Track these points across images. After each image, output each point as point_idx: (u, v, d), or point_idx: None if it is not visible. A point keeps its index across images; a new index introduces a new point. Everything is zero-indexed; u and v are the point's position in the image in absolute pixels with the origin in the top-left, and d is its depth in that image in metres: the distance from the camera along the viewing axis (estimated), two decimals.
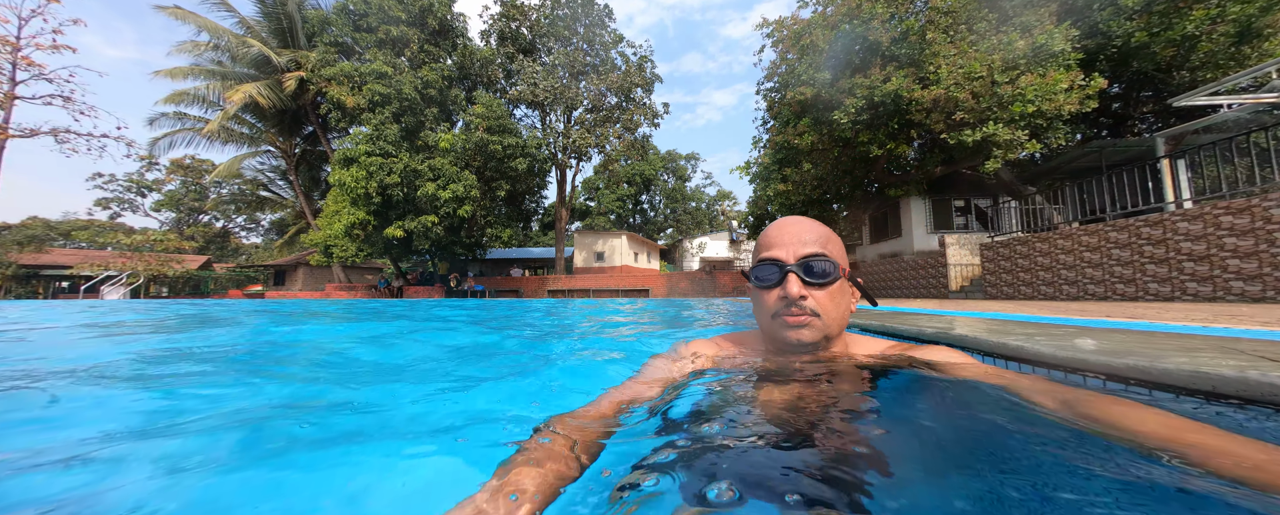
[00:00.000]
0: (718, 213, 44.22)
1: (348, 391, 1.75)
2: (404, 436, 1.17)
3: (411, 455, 1.01)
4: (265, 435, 1.19)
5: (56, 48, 14.04)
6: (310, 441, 1.12)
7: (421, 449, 1.05)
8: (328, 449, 1.07)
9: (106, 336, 3.75)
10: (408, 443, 1.11)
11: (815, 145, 11.87)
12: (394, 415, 1.41)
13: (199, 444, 1.10)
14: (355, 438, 1.16)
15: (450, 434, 1.16)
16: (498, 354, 3.03)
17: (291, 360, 2.74)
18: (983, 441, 0.71)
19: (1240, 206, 5.11)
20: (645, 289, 21.42)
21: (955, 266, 10.88)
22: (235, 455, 1.05)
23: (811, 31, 11.09)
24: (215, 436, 1.17)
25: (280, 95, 20.95)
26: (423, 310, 8.55)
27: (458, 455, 1.00)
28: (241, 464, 0.99)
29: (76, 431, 1.21)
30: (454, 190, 18.15)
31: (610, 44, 22.88)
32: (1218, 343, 1.40)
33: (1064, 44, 9.01)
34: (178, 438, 1.16)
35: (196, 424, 1.30)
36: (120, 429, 1.25)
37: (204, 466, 0.96)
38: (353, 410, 1.42)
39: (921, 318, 2.77)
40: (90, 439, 1.11)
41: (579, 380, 1.90)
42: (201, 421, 1.32)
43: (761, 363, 1.01)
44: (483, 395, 1.61)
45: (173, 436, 1.17)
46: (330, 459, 1.00)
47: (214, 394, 1.70)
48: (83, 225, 36.03)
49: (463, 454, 1.00)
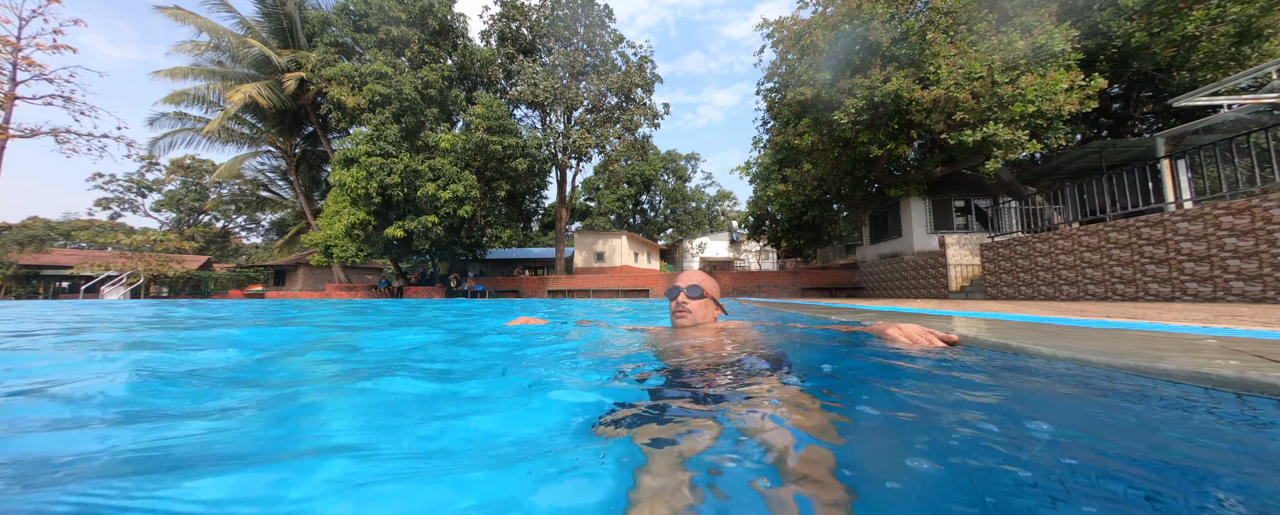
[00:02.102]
0: (718, 213, 44.22)
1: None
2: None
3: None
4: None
5: (57, 48, 14.05)
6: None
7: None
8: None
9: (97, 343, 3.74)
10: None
11: (815, 145, 11.87)
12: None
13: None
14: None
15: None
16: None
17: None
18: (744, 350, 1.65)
19: (1240, 207, 5.11)
20: (645, 289, 21.42)
21: (955, 267, 10.88)
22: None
23: (811, 32, 11.09)
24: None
25: (280, 95, 20.96)
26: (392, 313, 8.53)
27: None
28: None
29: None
30: (454, 190, 18.16)
31: (610, 44, 22.89)
32: (1218, 343, 1.39)
33: (1064, 44, 9.01)
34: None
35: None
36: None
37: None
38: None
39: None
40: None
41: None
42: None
43: (670, 336, 1.97)
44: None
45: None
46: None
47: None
48: (83, 225, 36.06)
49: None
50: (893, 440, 0.91)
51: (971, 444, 0.82)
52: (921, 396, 1.12)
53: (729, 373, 1.37)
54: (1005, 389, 1.28)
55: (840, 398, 1.18)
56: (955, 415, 0.98)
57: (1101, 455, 0.77)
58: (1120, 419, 0.95)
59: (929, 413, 1.00)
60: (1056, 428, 0.82)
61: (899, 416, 1.00)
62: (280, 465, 0.88)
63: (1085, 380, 1.20)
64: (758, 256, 35.21)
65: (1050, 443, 0.79)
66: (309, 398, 1.47)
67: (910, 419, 0.99)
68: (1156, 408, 0.96)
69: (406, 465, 0.85)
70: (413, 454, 0.92)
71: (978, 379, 1.30)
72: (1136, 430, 0.87)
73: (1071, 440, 0.85)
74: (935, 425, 0.95)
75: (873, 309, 4.95)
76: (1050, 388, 1.20)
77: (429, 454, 0.93)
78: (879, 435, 0.94)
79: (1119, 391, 1.08)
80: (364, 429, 1.13)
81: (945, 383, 1.27)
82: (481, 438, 1.01)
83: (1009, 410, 0.98)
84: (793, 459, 0.71)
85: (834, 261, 23.94)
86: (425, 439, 1.02)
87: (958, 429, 0.89)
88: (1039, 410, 1.01)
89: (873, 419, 1.00)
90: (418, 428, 1.12)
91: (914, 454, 0.77)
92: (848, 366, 1.61)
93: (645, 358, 1.74)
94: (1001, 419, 0.92)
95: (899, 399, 1.10)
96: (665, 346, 1.80)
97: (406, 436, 1.04)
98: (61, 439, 1.16)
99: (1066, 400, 1.12)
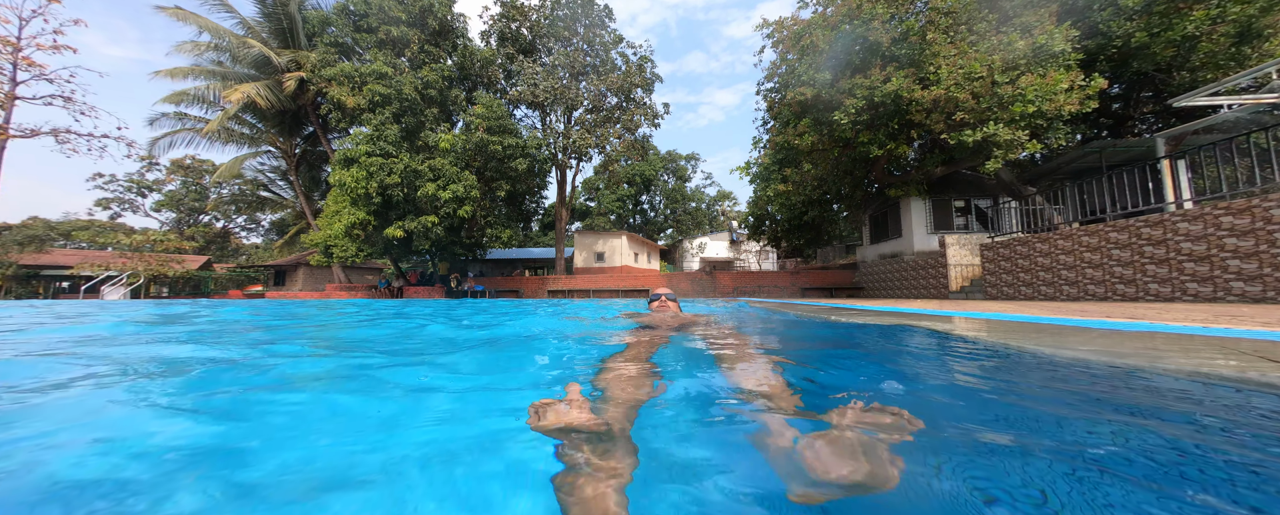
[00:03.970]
0: (718, 213, 44.19)
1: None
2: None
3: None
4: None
5: (57, 48, 14.03)
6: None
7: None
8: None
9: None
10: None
11: (815, 146, 11.86)
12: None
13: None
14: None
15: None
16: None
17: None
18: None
19: (1241, 207, 5.11)
20: (645, 289, 21.41)
21: (955, 267, 10.87)
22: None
23: (811, 32, 11.08)
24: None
25: (280, 95, 20.94)
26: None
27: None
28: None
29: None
30: (454, 190, 18.14)
31: (610, 44, 22.86)
32: (1218, 343, 1.39)
33: (1064, 44, 9.00)
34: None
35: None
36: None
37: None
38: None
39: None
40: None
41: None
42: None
43: (650, 316, 4.21)
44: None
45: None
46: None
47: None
48: (83, 225, 36.02)
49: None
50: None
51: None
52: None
53: (678, 327, 3.48)
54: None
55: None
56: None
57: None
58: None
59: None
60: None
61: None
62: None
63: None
64: (758, 256, 35.20)
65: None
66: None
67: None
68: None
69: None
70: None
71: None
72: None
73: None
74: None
75: (873, 309, 4.95)
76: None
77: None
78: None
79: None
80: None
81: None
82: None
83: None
84: (715, 341, 2.72)
85: (834, 261, 23.93)
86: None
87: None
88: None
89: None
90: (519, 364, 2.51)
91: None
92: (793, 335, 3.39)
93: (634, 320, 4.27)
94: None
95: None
96: (649, 318, 4.11)
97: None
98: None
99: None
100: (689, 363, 2.22)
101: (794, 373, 1.96)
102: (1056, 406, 1.25)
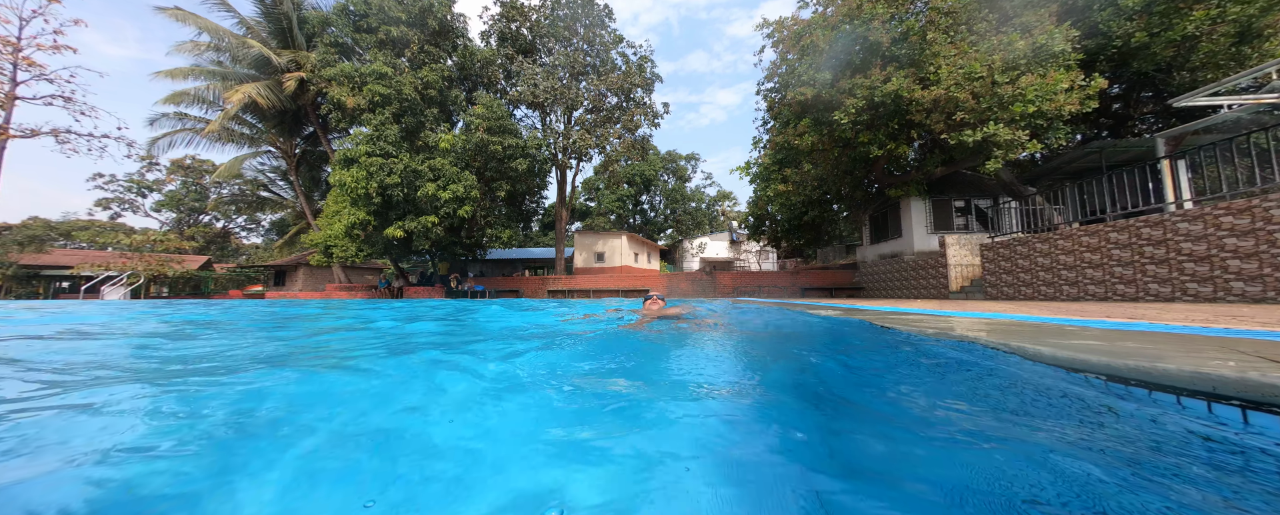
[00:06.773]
0: (718, 213, 44.19)
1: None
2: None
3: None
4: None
5: (57, 48, 14.02)
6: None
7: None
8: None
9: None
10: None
11: (815, 146, 11.87)
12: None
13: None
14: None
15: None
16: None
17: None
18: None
19: (1241, 207, 5.11)
20: (645, 289, 21.41)
21: (955, 267, 10.87)
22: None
23: (812, 32, 11.08)
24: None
25: (280, 96, 20.94)
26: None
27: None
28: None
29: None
30: (454, 191, 18.14)
31: (610, 44, 22.86)
32: (1218, 343, 1.40)
33: (1064, 44, 9.00)
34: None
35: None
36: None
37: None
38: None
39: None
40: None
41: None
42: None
43: (643, 309, 5.29)
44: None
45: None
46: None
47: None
48: (83, 225, 36.01)
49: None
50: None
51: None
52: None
53: (660, 315, 4.82)
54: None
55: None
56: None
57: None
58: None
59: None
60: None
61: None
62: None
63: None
64: (758, 256, 35.20)
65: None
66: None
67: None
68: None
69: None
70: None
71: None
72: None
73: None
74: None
75: (873, 309, 4.96)
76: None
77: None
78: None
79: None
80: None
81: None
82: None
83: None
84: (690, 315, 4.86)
85: (834, 261, 23.93)
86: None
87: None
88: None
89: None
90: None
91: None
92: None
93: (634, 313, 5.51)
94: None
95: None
96: (643, 310, 5.10)
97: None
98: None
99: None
100: (660, 322, 4.31)
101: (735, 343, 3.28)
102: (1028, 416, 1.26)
